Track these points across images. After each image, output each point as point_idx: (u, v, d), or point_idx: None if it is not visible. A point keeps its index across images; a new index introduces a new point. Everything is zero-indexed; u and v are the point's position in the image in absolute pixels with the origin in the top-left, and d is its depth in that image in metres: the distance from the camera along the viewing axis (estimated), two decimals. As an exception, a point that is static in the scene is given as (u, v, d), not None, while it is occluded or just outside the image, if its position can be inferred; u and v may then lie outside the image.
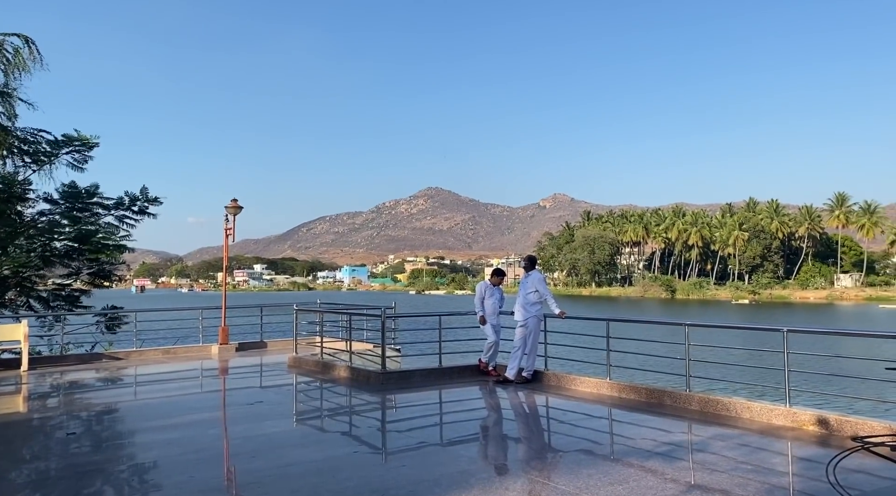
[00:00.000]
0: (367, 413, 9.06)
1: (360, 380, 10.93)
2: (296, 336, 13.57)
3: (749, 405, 8.00)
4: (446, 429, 8.04)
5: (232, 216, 15.55)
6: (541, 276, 10.75)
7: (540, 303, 10.55)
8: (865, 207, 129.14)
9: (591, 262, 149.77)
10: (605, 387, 9.71)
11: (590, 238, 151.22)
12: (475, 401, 9.72)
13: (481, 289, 11.18)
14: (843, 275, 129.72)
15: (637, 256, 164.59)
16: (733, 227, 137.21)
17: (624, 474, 5.63)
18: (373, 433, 7.79)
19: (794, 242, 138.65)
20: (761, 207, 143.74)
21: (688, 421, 7.92)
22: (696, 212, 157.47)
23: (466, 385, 10.58)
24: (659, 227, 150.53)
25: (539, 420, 8.81)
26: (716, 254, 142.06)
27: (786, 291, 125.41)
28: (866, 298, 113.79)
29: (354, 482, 5.45)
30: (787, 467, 6.06)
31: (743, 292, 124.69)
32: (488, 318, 10.99)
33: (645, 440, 6.95)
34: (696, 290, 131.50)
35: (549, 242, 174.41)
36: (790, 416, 7.50)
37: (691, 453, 6.55)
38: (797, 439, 6.90)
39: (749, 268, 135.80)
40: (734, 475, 5.60)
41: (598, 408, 8.82)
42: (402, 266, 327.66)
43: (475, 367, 11.35)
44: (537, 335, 10.61)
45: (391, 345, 12.26)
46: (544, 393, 9.91)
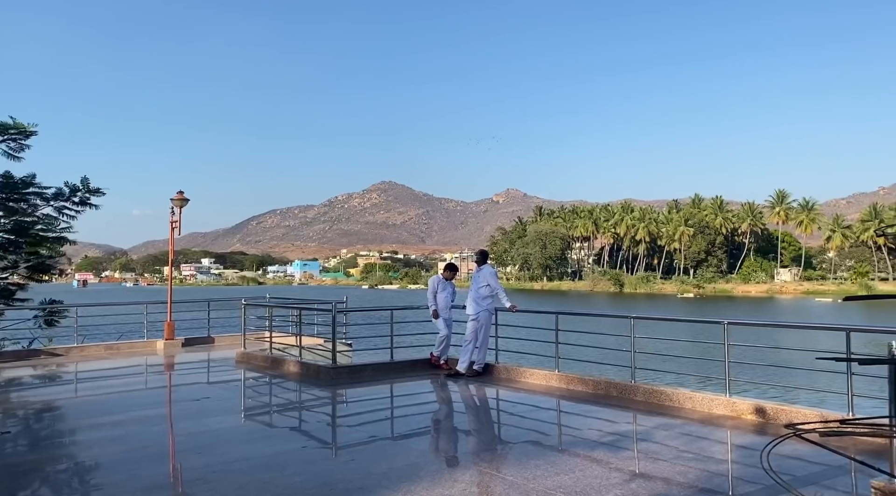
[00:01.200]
0: (316, 408, 9.00)
1: (309, 375, 10.84)
2: (244, 331, 13.36)
3: (691, 395, 8.26)
4: (397, 423, 8.05)
5: (178, 209, 15.18)
6: (493, 271, 10.85)
7: (491, 297, 10.65)
8: (804, 204, 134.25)
9: (542, 257, 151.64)
10: (553, 380, 9.88)
11: (541, 233, 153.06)
12: (426, 395, 9.76)
13: (434, 284, 11.22)
14: (782, 270, 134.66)
15: (587, 251, 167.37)
16: (679, 223, 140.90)
17: (570, 464, 5.74)
18: (322, 428, 7.75)
19: (736, 238, 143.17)
20: (706, 204, 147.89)
21: (633, 411, 8.12)
22: (643, 208, 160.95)
23: (418, 379, 10.61)
24: (608, 223, 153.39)
25: (489, 412, 8.90)
26: (662, 249, 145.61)
27: (729, 285, 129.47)
28: (804, 292, 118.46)
29: (303, 477, 5.41)
30: (726, 455, 6.29)
31: (688, 286, 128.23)
32: (441, 312, 11.03)
33: (591, 430, 7.10)
34: (644, 285, 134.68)
35: (502, 237, 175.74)
36: (730, 406, 7.77)
37: (636, 443, 6.73)
38: (736, 428, 7.16)
39: (694, 263, 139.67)
40: (676, 463, 5.78)
41: (547, 400, 8.96)
42: (354, 260, 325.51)
43: (427, 361, 11.39)
44: (488, 329, 10.71)
45: (342, 340, 12.19)
46: (495, 385, 10.02)
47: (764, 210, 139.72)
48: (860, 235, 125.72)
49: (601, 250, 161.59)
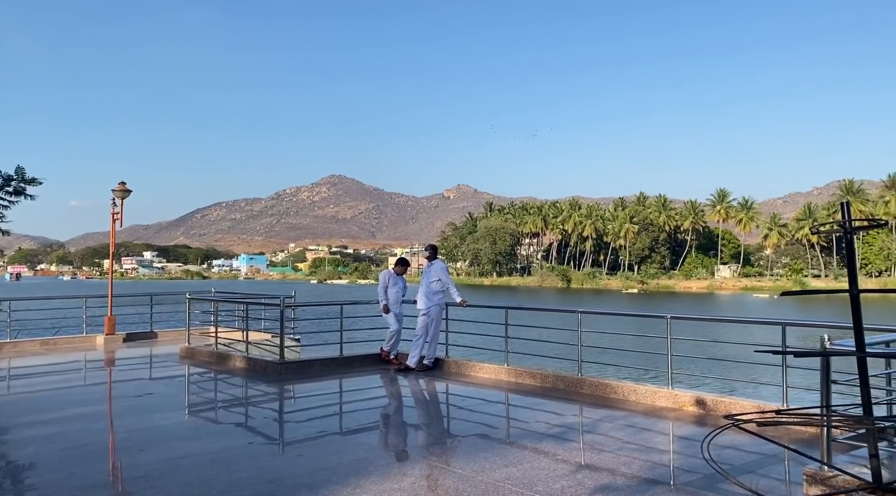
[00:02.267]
0: (263, 404, 8.86)
1: (256, 370, 10.67)
2: (188, 326, 13.04)
3: (635, 388, 8.46)
4: (346, 418, 8.00)
5: (120, 200, 14.69)
6: (443, 266, 10.88)
7: (442, 292, 10.68)
8: (743, 203, 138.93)
9: (492, 253, 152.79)
10: (503, 373, 9.98)
11: (492, 229, 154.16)
12: (376, 390, 9.73)
13: (385, 279, 11.17)
14: (722, 267, 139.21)
15: (536, 247, 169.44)
16: (624, 220, 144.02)
17: (518, 456, 5.82)
18: (269, 424, 7.63)
19: (679, 235, 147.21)
20: (650, 202, 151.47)
21: (579, 404, 8.28)
22: (590, 205, 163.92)
23: (368, 374, 10.56)
24: (556, 220, 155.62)
25: (439, 406, 8.93)
26: (608, 245, 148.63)
27: (671, 281, 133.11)
28: (742, 288, 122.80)
29: (249, 473, 5.33)
30: (668, 446, 6.47)
31: (632, 282, 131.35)
32: (391, 307, 11.00)
33: (539, 423, 7.21)
34: (590, 280, 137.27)
35: (453, 233, 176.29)
36: (672, 398, 8.00)
37: (582, 435, 6.86)
38: (678, 419, 7.38)
39: (638, 260, 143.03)
40: (620, 454, 5.92)
41: (496, 394, 9.05)
42: (303, 255, 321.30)
43: (377, 356, 11.34)
44: (439, 323, 10.73)
45: (290, 335, 12.04)
46: (445, 380, 10.06)
47: (705, 208, 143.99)
48: (795, 233, 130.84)
49: (549, 246, 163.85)
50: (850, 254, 3.85)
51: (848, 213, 3.86)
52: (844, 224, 3.74)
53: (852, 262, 3.88)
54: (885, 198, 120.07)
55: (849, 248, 3.79)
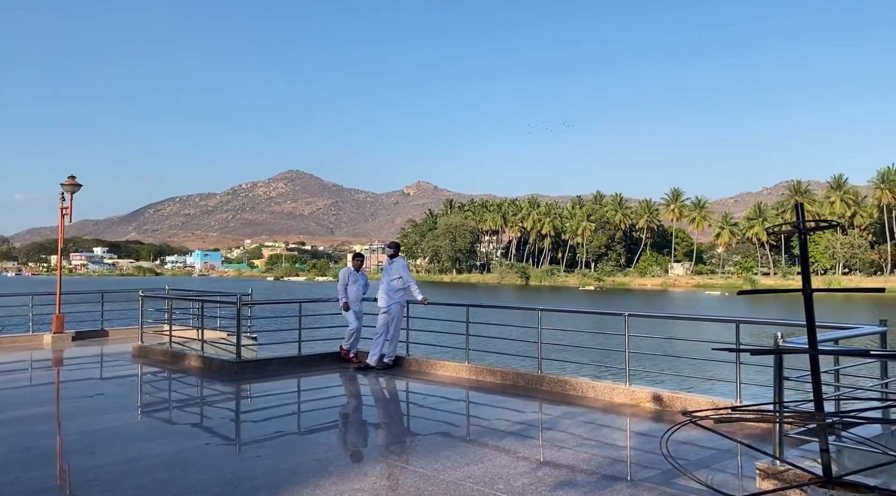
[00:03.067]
0: (219, 403, 8.68)
1: (212, 369, 10.45)
2: (141, 324, 12.70)
3: (594, 385, 8.56)
4: (305, 417, 7.90)
5: (69, 194, 14.22)
6: (404, 263, 10.82)
7: (403, 290, 10.63)
8: (696, 203, 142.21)
9: (452, 250, 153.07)
10: (463, 371, 9.98)
11: (451, 226, 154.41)
12: (335, 389, 9.63)
13: (344, 276, 11.06)
14: (676, 265, 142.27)
15: (495, 244, 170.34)
16: (582, 219, 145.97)
17: (479, 454, 5.82)
18: (226, 424, 7.48)
19: (634, 233, 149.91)
20: (607, 200, 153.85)
21: (539, 401, 8.34)
22: (549, 203, 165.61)
23: (327, 372, 10.45)
24: (516, 217, 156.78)
25: (399, 405, 8.89)
26: (566, 243, 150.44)
27: (627, 278, 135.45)
28: (695, 285, 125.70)
29: (206, 474, 5.21)
30: (627, 442, 6.56)
31: (589, 279, 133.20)
32: (351, 305, 10.90)
33: (500, 420, 7.23)
34: (548, 277, 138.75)
35: (413, 229, 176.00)
36: (630, 394, 8.12)
37: (542, 432, 6.90)
38: (635, 415, 7.49)
39: (595, 257, 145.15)
40: (580, 451, 5.98)
41: (457, 392, 9.05)
42: (259, 251, 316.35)
43: (336, 355, 11.24)
44: (399, 321, 10.68)
45: (247, 334, 11.84)
46: (405, 378, 10.02)
47: (660, 207, 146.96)
48: (746, 232, 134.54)
49: (509, 244, 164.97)
50: (803, 254, 3.95)
51: (802, 214, 3.96)
52: (799, 224, 3.83)
53: (806, 262, 3.98)
54: (830, 198, 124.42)
55: (803, 248, 3.89)
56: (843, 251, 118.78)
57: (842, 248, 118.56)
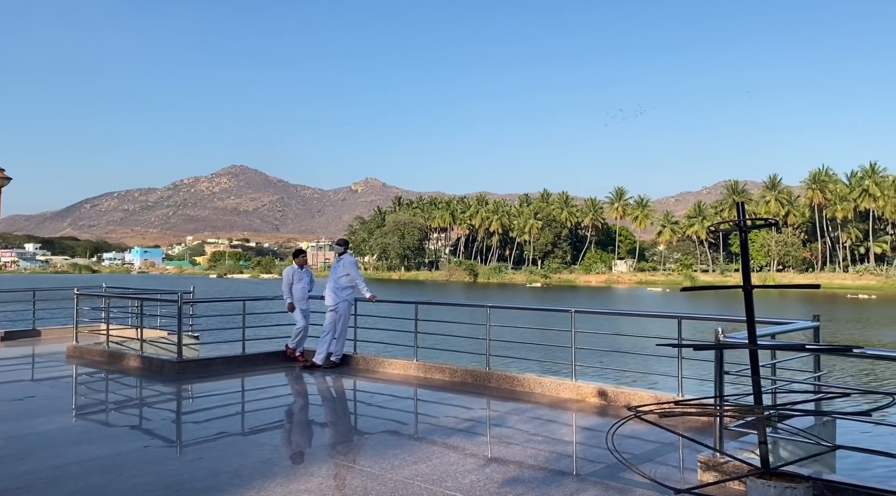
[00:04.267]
0: (159, 405, 8.41)
1: (152, 369, 10.12)
2: (76, 323, 12.21)
3: (541, 380, 8.65)
4: (249, 417, 7.72)
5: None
6: (353, 260, 10.70)
7: (351, 288, 10.51)
8: (639, 201, 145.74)
9: (401, 247, 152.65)
10: (412, 369, 9.95)
11: (400, 223, 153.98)
12: (281, 388, 9.45)
13: (289, 275, 10.87)
14: (619, 261, 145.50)
15: (444, 242, 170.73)
16: (529, 216, 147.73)
17: (427, 452, 5.80)
18: (167, 425, 7.25)
19: (580, 231, 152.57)
20: (553, 198, 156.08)
21: (488, 397, 8.37)
22: (497, 201, 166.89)
23: (272, 372, 10.25)
24: (464, 215, 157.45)
25: (346, 403, 8.79)
26: (514, 240, 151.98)
27: (572, 275, 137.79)
28: (637, 282, 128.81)
29: (145, 478, 5.03)
30: (573, 437, 6.65)
31: (536, 276, 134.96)
32: (297, 304, 10.73)
33: (448, 418, 7.22)
34: (496, 274, 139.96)
35: (361, 226, 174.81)
36: (576, 390, 8.23)
37: (490, 428, 6.93)
38: (581, 410, 7.60)
39: (542, 254, 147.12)
40: (527, 447, 6.02)
41: (406, 390, 9.01)
42: (201, 248, 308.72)
43: (282, 353, 11.04)
44: (347, 319, 10.56)
45: (188, 333, 11.52)
46: (353, 376, 9.91)
47: (604, 205, 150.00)
48: (686, 230, 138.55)
49: (457, 241, 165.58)
50: (744, 252, 4.05)
51: (742, 212, 4.06)
52: (740, 223, 3.94)
53: (746, 260, 4.09)
54: (765, 197, 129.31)
55: (743, 245, 3.99)
56: (777, 249, 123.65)
57: (776, 246, 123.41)
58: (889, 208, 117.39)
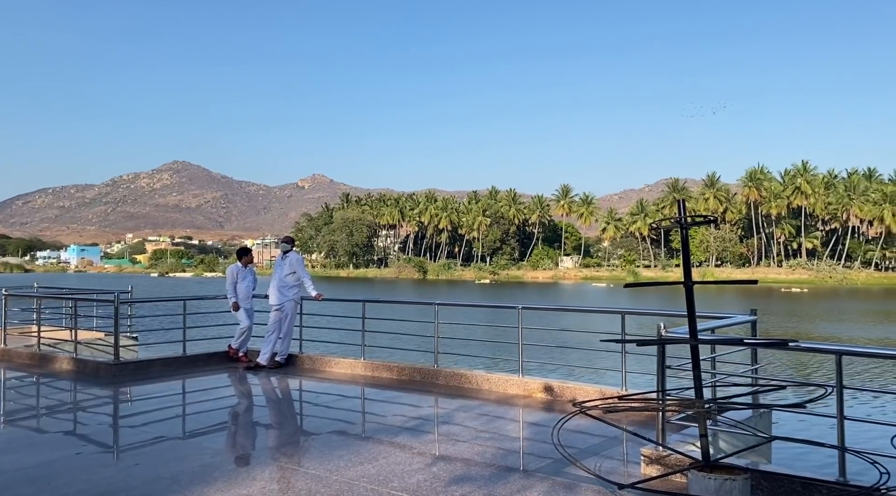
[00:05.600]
0: (94, 409, 8.07)
1: (87, 372, 9.72)
2: (4, 325, 11.63)
3: (488, 377, 8.67)
4: (189, 420, 7.49)
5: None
6: (299, 258, 10.51)
7: (297, 286, 10.32)
8: (584, 199, 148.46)
9: (349, 244, 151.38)
10: (359, 368, 9.83)
11: (348, 220, 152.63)
12: (223, 389, 9.21)
13: (233, 274, 10.60)
14: (565, 258, 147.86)
15: (393, 239, 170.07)
16: (478, 213, 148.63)
17: (374, 452, 5.73)
18: (102, 430, 6.96)
19: (527, 228, 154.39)
20: (501, 196, 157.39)
21: (435, 395, 8.34)
22: (446, 198, 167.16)
23: (214, 373, 9.98)
24: (413, 212, 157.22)
25: (292, 404, 8.63)
26: (462, 237, 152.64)
27: (520, 272, 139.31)
28: (583, 278, 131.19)
29: (77, 487, 4.80)
30: (520, 433, 6.68)
31: (484, 273, 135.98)
32: (241, 303, 10.47)
33: (396, 417, 7.16)
34: (445, 271, 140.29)
35: (308, 224, 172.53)
36: (522, 386, 8.28)
37: (437, 426, 6.90)
38: (528, 406, 7.64)
39: (490, 251, 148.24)
40: (474, 444, 6.01)
41: (353, 389, 8.90)
42: (142, 246, 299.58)
43: (225, 354, 10.76)
44: (293, 319, 10.37)
45: (126, 334, 11.13)
46: (298, 377, 9.74)
47: (551, 203, 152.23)
48: (629, 227, 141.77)
49: (406, 238, 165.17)
50: (685, 249, 4.12)
51: (684, 210, 4.13)
52: (681, 220, 4.00)
53: (687, 256, 4.16)
54: (704, 195, 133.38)
55: (684, 242, 4.06)
56: (715, 245, 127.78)
57: (715, 242, 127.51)
58: (819, 205, 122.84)
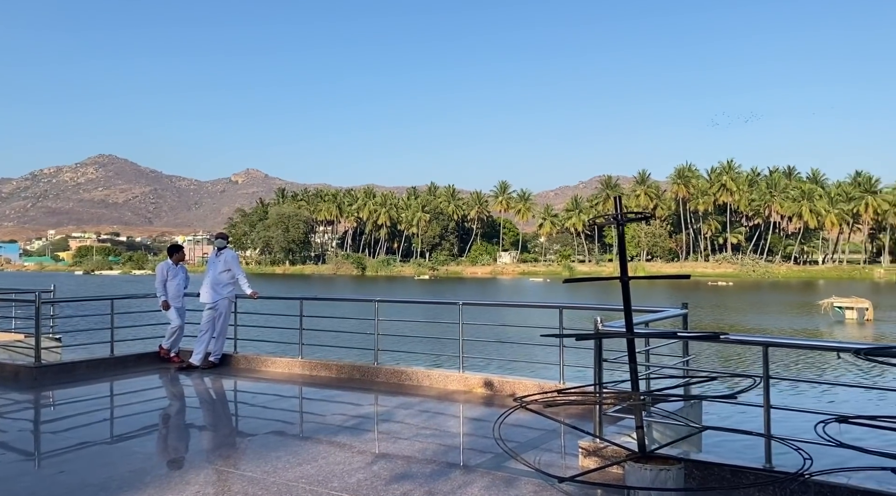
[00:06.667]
0: (14, 414, 7.65)
1: (5, 376, 9.20)
2: (-87, 328, 10.90)
3: (429, 373, 8.66)
4: (118, 424, 7.18)
5: None
6: (234, 255, 10.23)
7: (232, 284, 10.05)
8: (521, 195, 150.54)
9: (285, 240, 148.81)
10: (297, 367, 9.66)
11: (284, 216, 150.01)
12: (154, 392, 8.89)
13: (163, 271, 10.22)
14: (503, 253, 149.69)
15: (331, 235, 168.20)
16: (417, 209, 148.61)
17: (313, 452, 5.63)
18: (23, 437, 6.60)
19: (466, 224, 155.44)
20: (441, 192, 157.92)
21: (375, 393, 8.28)
22: (385, 193, 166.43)
23: (144, 374, 9.62)
24: (352, 207, 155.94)
25: (227, 405, 8.40)
26: (402, 233, 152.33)
27: (459, 267, 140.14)
28: (520, 273, 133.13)
29: (-6, 501, 4.54)
30: (460, 428, 6.69)
31: (424, 268, 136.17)
32: (172, 302, 10.11)
33: (336, 416, 7.07)
34: (384, 267, 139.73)
35: (242, 219, 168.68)
36: (463, 381, 8.31)
37: (378, 424, 6.84)
38: (469, 402, 7.67)
39: (430, 247, 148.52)
40: (415, 441, 5.99)
41: (291, 388, 8.74)
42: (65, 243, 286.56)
43: (155, 355, 10.38)
44: (228, 318, 10.09)
45: (49, 335, 10.59)
46: (233, 377, 9.49)
47: (489, 199, 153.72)
48: (565, 223, 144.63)
49: (345, 234, 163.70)
50: (621, 244, 4.20)
51: (620, 206, 4.21)
52: (617, 217, 4.07)
53: (623, 251, 4.25)
54: (636, 192, 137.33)
55: (620, 238, 4.14)
56: (647, 240, 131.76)
57: (646, 238, 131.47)
58: (743, 202, 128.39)
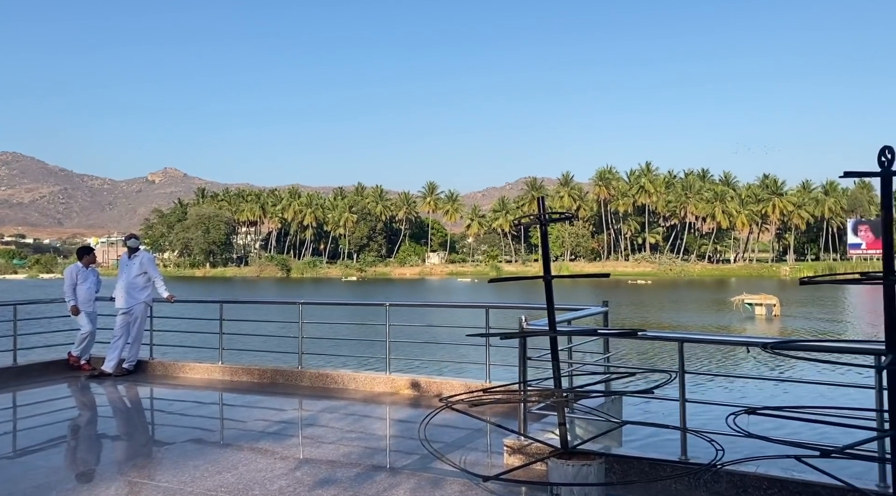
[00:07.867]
0: None
1: None
2: None
3: (355, 376, 8.56)
4: (21, 437, 6.74)
5: None
6: (151, 257, 9.82)
7: (148, 288, 9.63)
8: (449, 196, 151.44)
9: (205, 242, 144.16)
10: (217, 372, 9.36)
11: (204, 216, 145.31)
12: (62, 401, 8.40)
13: (72, 275, 9.68)
14: (432, 254, 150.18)
15: (254, 236, 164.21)
16: (344, 210, 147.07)
17: (234, 460, 5.46)
18: (-89, 457, 6.09)
19: (395, 224, 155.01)
20: (368, 192, 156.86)
21: (300, 397, 8.11)
22: (310, 194, 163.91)
23: (52, 383, 9.09)
24: (276, 208, 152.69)
25: (143, 413, 8.03)
26: (328, 234, 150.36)
27: (388, 268, 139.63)
28: (449, 273, 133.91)
29: None
30: (387, 431, 6.64)
31: (352, 270, 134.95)
32: (82, 306, 9.59)
33: (257, 421, 6.88)
34: (310, 269, 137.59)
35: (159, 220, 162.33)
36: (390, 383, 8.25)
37: (302, 429, 6.70)
38: (395, 403, 7.62)
39: (357, 248, 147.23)
40: (340, 445, 5.90)
41: (210, 395, 8.45)
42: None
43: (64, 362, 9.82)
44: (143, 323, 9.66)
45: (-57, 344, 9.86)
46: (149, 384, 9.10)
47: (417, 200, 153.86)
48: (492, 223, 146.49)
49: (269, 235, 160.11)
50: (544, 244, 4.26)
51: (543, 207, 4.26)
52: (541, 217, 4.13)
53: (546, 251, 4.30)
54: (560, 193, 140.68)
55: (544, 238, 4.19)
56: (570, 240, 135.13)
57: (569, 238, 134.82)
58: (660, 203, 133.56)
